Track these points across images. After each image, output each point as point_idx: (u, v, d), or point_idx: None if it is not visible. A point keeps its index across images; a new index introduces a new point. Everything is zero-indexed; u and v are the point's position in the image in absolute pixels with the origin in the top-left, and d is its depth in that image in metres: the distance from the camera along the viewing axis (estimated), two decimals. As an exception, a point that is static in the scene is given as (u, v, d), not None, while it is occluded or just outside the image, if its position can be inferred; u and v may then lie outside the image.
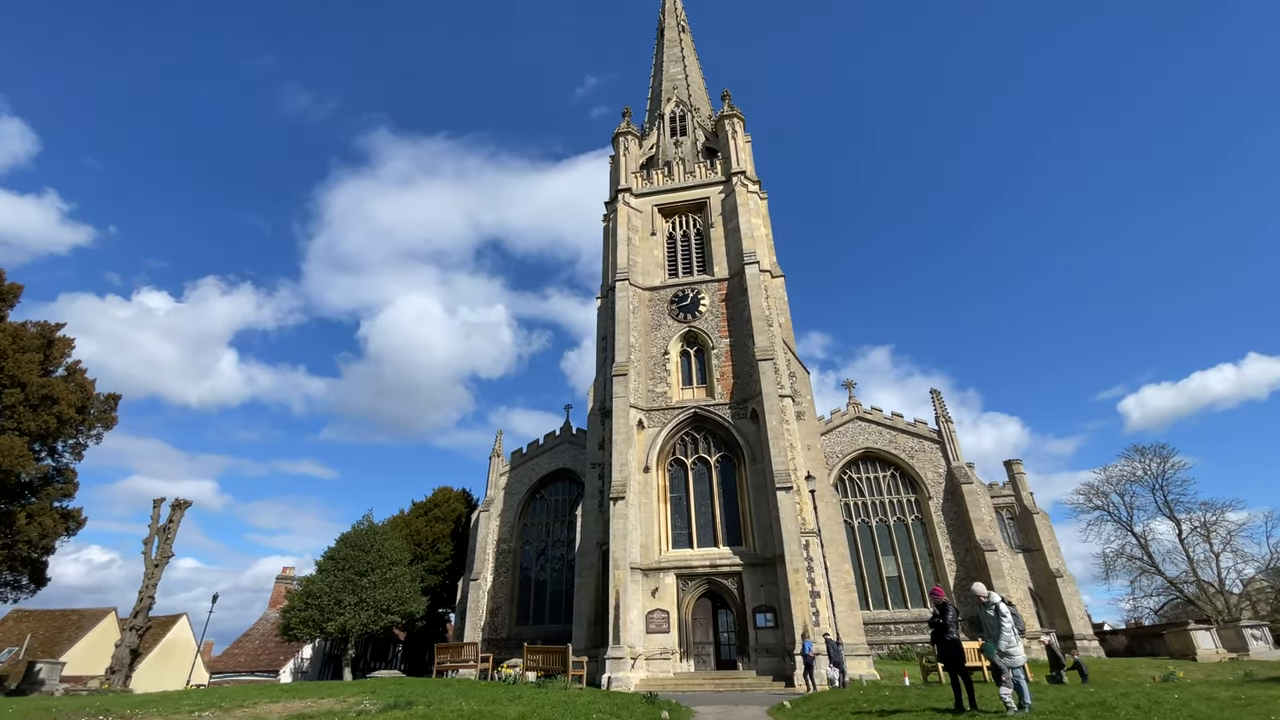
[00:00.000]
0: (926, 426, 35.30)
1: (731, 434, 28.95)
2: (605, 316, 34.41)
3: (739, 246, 33.01)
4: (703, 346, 32.08)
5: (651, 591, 26.13)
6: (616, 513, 26.55)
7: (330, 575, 34.11)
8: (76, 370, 20.96)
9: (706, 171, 37.59)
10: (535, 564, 36.66)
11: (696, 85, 46.76)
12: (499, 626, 34.24)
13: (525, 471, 38.77)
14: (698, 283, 33.73)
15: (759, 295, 30.95)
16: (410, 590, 35.79)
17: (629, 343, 31.46)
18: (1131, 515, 45.19)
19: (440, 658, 18.63)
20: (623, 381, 29.95)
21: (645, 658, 24.55)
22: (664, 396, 30.89)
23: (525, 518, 37.85)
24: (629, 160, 39.02)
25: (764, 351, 29.02)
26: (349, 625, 32.37)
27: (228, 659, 45.47)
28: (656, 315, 33.39)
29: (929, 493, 33.44)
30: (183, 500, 33.37)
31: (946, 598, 10.72)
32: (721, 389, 30.35)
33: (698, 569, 26.46)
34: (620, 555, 25.67)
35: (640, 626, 25.31)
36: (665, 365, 31.77)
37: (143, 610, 31.43)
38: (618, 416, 29.08)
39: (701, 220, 36.53)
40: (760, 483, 27.23)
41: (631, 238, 35.44)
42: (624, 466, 27.82)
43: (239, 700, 12.95)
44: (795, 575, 23.74)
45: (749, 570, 25.86)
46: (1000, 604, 9.29)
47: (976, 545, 30.93)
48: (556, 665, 15.27)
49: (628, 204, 36.63)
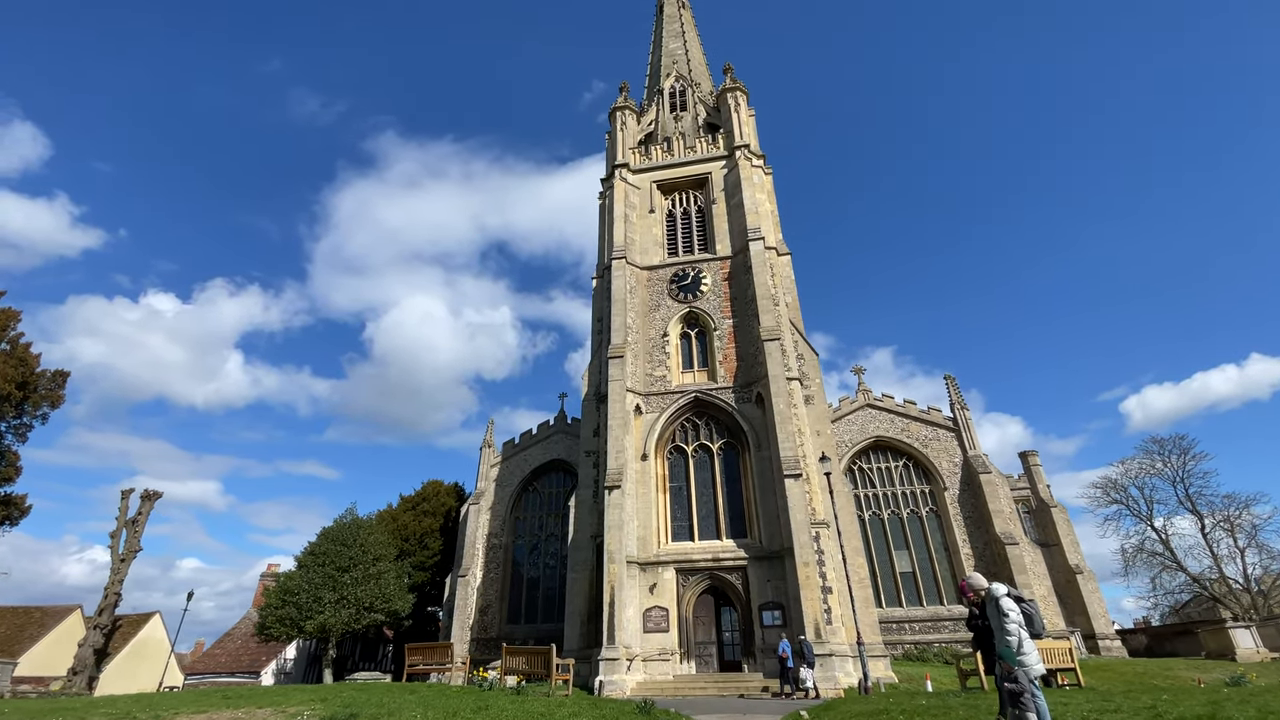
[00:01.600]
0: (941, 414, 33.41)
1: (735, 419, 27.07)
2: (601, 298, 32.52)
3: (742, 223, 31.11)
4: (704, 328, 30.19)
5: (649, 587, 24.24)
6: (612, 502, 24.66)
7: (310, 571, 32.25)
8: (18, 344, 19.11)
9: (708, 146, 35.69)
10: (527, 559, 34.79)
11: (697, 62, 44.83)
12: (488, 625, 32.36)
13: (518, 463, 36.90)
14: (699, 261, 31.83)
15: (764, 273, 29.05)
16: (395, 587, 33.92)
17: (626, 324, 29.57)
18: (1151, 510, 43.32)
19: (412, 659, 16.49)
20: (619, 364, 28.07)
21: (643, 659, 22.67)
22: (663, 380, 29.01)
23: (517, 511, 35.98)
24: (626, 136, 37.12)
25: (770, 331, 27.13)
26: (329, 624, 30.51)
27: (209, 659, 43.58)
28: (655, 296, 31.51)
29: (944, 483, 31.53)
30: (153, 491, 31.53)
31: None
32: (724, 372, 28.46)
33: (699, 563, 24.58)
34: (615, 548, 23.78)
35: (637, 625, 23.43)
36: (664, 348, 29.89)
37: (108, 608, 29.59)
38: (613, 401, 27.19)
39: (703, 197, 34.63)
40: (766, 471, 25.35)
41: (629, 215, 33.54)
42: (620, 453, 25.93)
43: (166, 708, 11.07)
44: (806, 569, 21.83)
45: (755, 564, 23.97)
46: (1003, 598, 7.22)
47: (996, 538, 29.04)
48: (539, 668, 13.37)
49: (625, 180, 34.72)
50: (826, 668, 20.21)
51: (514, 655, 14.14)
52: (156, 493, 31.42)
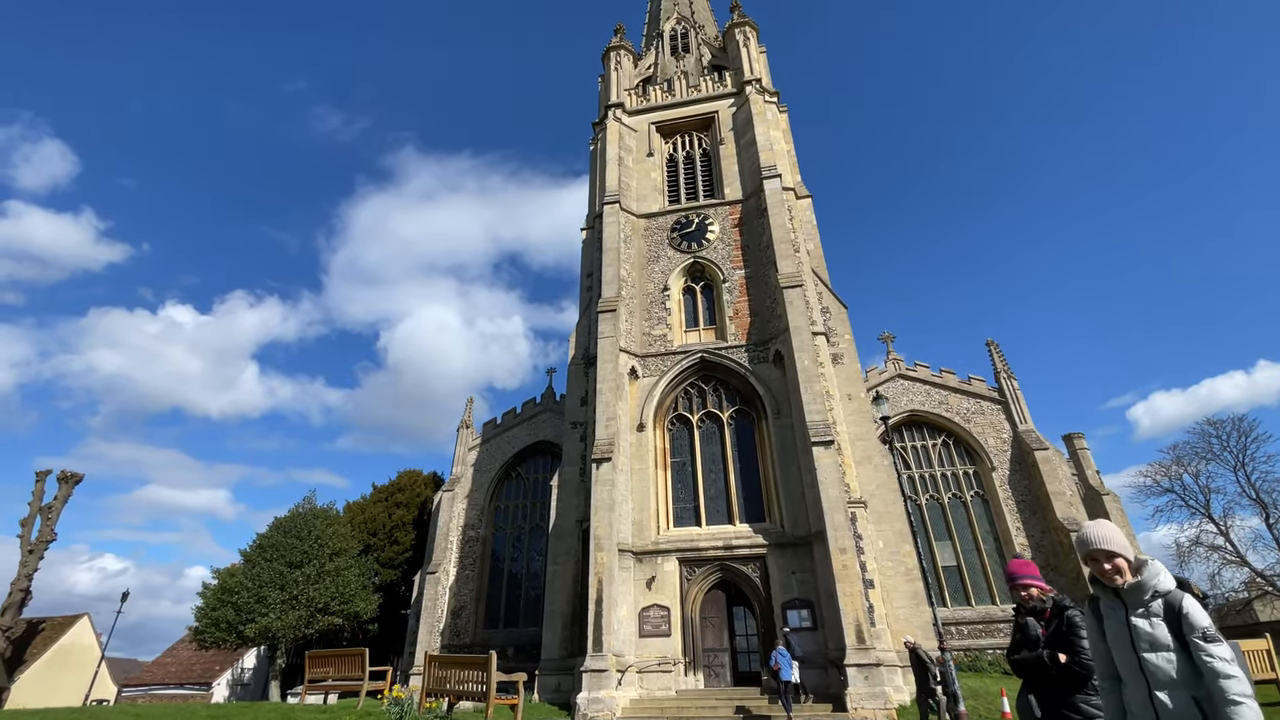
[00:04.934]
0: (984, 384, 28.96)
1: (749, 382, 22.72)
2: (591, 251, 28.27)
3: (755, 161, 26.83)
4: (711, 280, 25.89)
5: (646, 582, 19.80)
6: (600, 478, 20.27)
7: (256, 567, 27.88)
8: None
9: (714, 85, 31.48)
10: (509, 554, 30.33)
11: (701, 5, 40.69)
12: (462, 630, 27.87)
13: (499, 445, 32.48)
14: (704, 207, 27.55)
15: (781, 214, 24.74)
16: (357, 586, 29.51)
17: (619, 275, 25.27)
18: (1209, 499, 39.19)
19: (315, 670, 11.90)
20: (610, 319, 23.75)
21: (638, 670, 18.22)
22: (663, 340, 24.69)
23: (498, 500, 31.53)
24: (621, 77, 32.93)
25: (790, 278, 22.81)
26: (274, 629, 26.09)
27: (157, 669, 39.22)
28: (654, 247, 27.21)
29: (991, 463, 27.06)
30: (72, 473, 27.17)
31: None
32: (735, 329, 24.14)
33: (707, 552, 20.16)
34: (604, 533, 19.36)
35: (631, 628, 19.00)
36: (664, 304, 25.58)
37: (12, 606, 25.23)
38: (604, 361, 22.87)
39: (709, 139, 30.39)
40: (788, 441, 20.97)
41: (624, 158, 29.28)
42: (611, 421, 21.57)
43: None
44: (842, 557, 17.39)
45: (775, 553, 19.54)
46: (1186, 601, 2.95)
47: (1058, 525, 24.54)
48: (475, 685, 9.03)
49: (619, 120, 30.49)
50: (873, 680, 15.76)
51: (442, 666, 9.78)
52: (76, 475, 27.09)
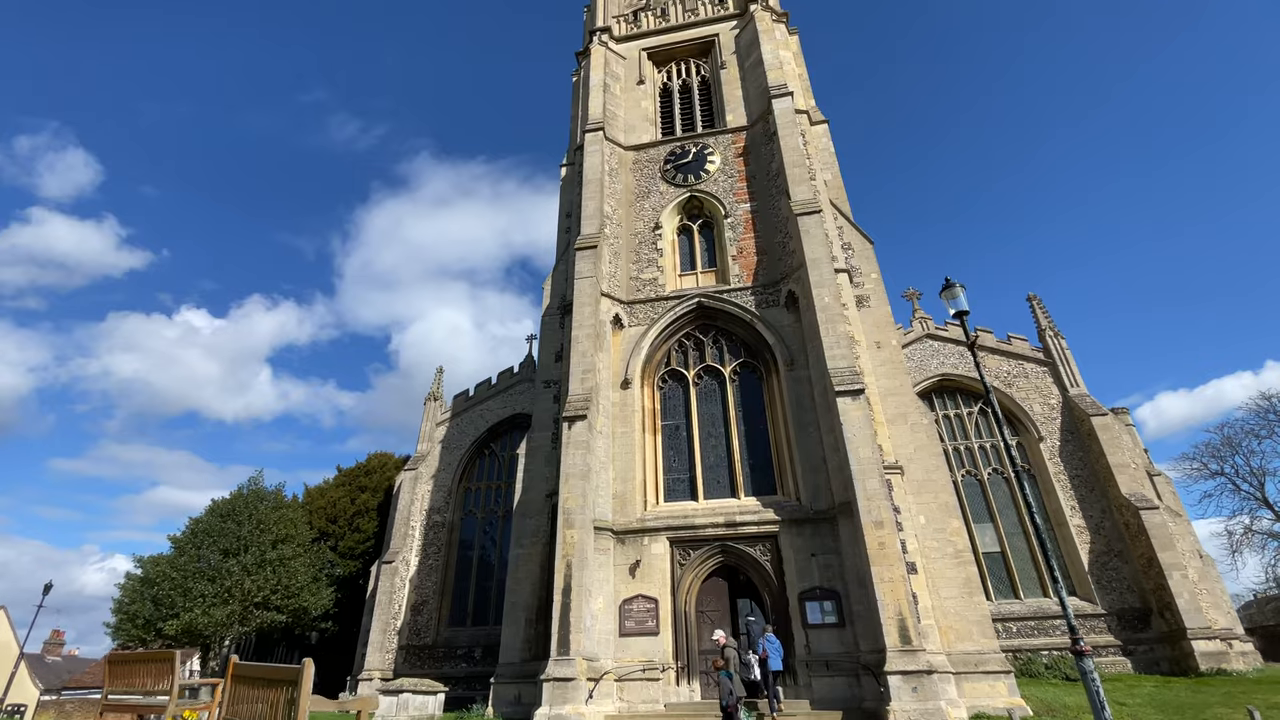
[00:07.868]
0: (1026, 344, 25.08)
1: (756, 330, 18.86)
2: (571, 188, 24.39)
3: (762, 82, 22.98)
4: (711, 217, 22.05)
5: (629, 567, 15.95)
6: (573, 440, 16.41)
7: (185, 555, 24.14)
8: None
9: (714, 8, 27.63)
10: (479, 542, 26.51)
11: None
12: (423, 629, 24.02)
13: (471, 419, 28.66)
14: (703, 136, 23.72)
15: (794, 136, 20.87)
16: (306, 578, 25.75)
17: (603, 210, 21.43)
18: (1263, 483, 35.52)
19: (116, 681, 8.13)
20: (589, 256, 19.90)
21: (617, 678, 14.38)
22: (654, 284, 20.85)
23: (469, 480, 27.70)
24: (609, 3, 29.10)
25: (805, 204, 18.94)
26: (198, 626, 22.30)
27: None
28: (644, 182, 23.38)
29: (1038, 433, 23.21)
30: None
31: None
32: (740, 270, 20.29)
33: (705, 531, 16.31)
34: (575, 506, 15.50)
35: (609, 624, 15.16)
36: (656, 244, 21.75)
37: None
38: (581, 305, 19.02)
39: (708, 66, 26.55)
40: (805, 396, 17.13)
41: (610, 85, 25.42)
42: (588, 374, 17.71)
43: None
44: (879, 533, 13.53)
45: (790, 531, 15.68)
46: None
47: (1124, 503, 20.63)
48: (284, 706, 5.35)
49: (605, 45, 26.64)
50: (924, 693, 11.90)
51: (247, 684, 6.07)
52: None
